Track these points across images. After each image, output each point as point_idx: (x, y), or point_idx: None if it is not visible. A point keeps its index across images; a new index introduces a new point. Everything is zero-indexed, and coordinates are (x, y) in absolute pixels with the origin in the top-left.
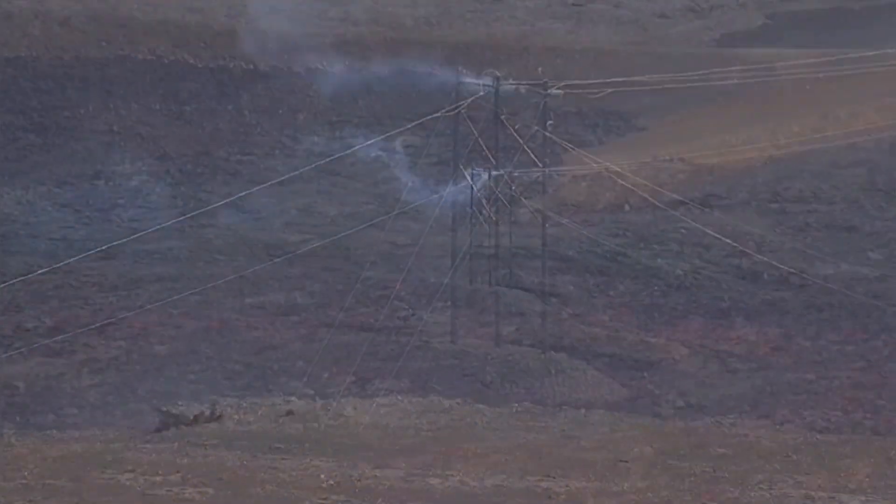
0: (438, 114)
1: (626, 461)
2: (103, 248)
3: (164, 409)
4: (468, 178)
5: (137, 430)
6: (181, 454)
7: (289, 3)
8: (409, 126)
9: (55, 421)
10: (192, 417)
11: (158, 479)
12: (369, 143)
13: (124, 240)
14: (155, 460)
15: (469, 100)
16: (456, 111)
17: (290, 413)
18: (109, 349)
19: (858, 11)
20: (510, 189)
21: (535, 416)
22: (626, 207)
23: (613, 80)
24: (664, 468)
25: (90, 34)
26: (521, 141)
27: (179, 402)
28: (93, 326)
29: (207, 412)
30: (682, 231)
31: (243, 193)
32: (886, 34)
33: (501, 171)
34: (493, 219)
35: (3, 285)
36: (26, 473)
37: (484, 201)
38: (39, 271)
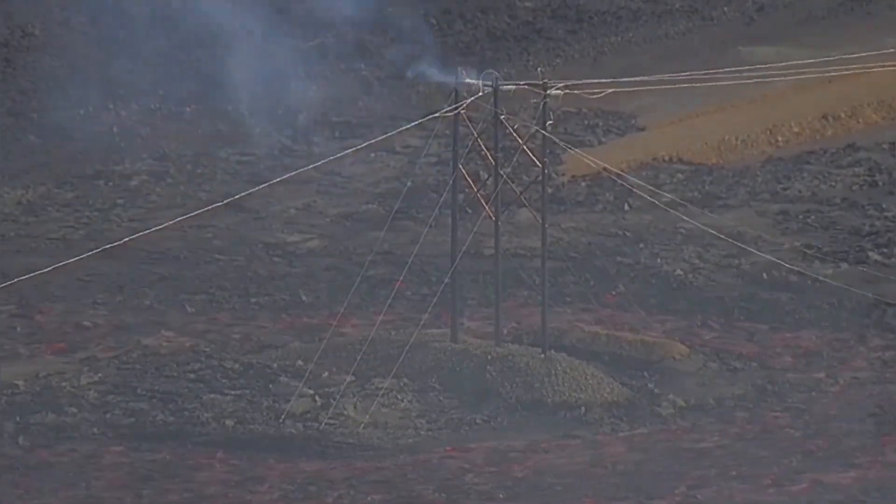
0: (437, 114)
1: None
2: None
3: None
4: (468, 177)
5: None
6: None
7: None
8: (409, 126)
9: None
10: None
11: None
12: (369, 143)
13: (125, 239)
14: None
15: (468, 100)
16: (455, 111)
17: (289, 415)
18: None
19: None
20: (511, 188)
21: (535, 415)
22: (626, 207)
23: (613, 80)
24: None
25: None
26: (520, 141)
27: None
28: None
29: None
30: (682, 231)
31: (244, 193)
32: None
33: (501, 171)
34: (494, 219)
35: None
36: None
37: (484, 201)
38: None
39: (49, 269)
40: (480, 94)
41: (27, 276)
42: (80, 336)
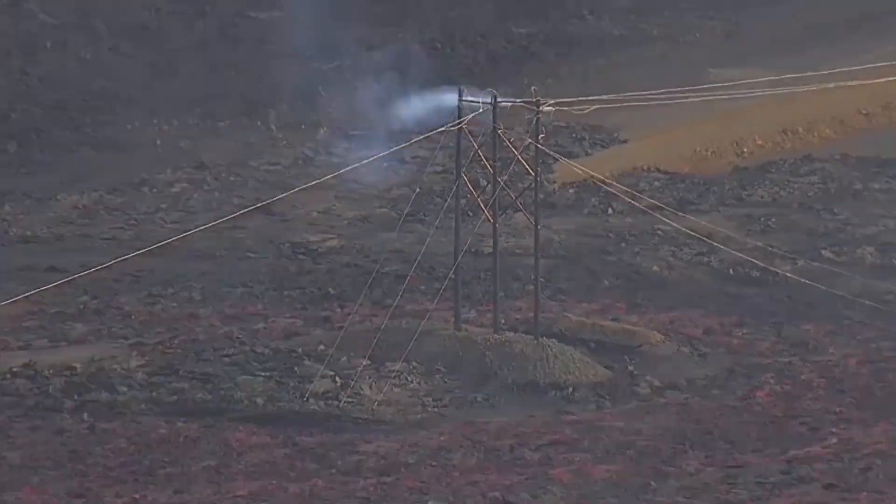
0: (443, 128)
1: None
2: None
3: None
4: (469, 185)
5: None
6: None
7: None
8: (417, 139)
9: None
10: None
11: None
12: (381, 154)
13: (167, 240)
14: None
15: (470, 116)
16: (458, 126)
17: (312, 394)
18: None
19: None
20: (507, 194)
21: (529, 395)
22: (610, 211)
23: (598, 98)
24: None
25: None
26: (516, 152)
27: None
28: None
29: None
30: (659, 232)
31: (272, 199)
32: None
33: (499, 179)
34: (492, 221)
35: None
36: None
37: (483, 205)
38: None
39: (107, 264)
40: (481, 110)
41: (86, 272)
42: (129, 325)
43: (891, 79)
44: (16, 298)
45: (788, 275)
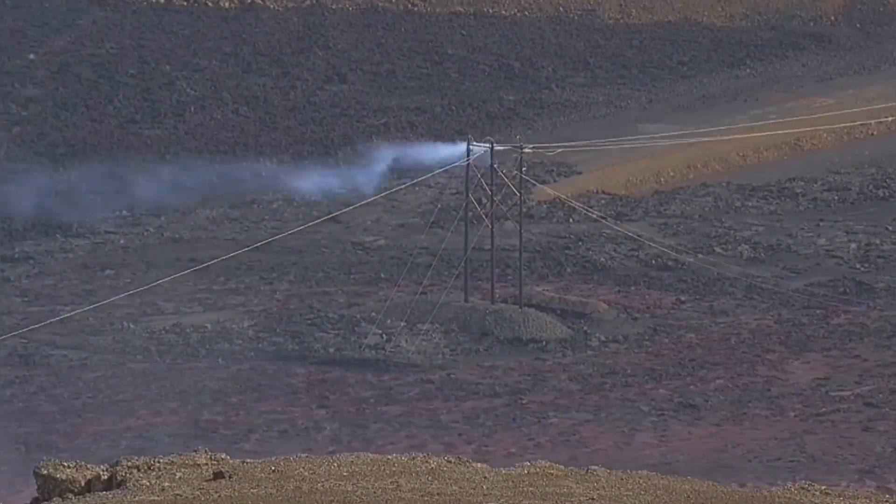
0: (456, 164)
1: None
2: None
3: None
4: (474, 202)
5: None
6: None
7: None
8: (439, 171)
9: None
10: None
11: None
12: (414, 181)
13: (268, 239)
14: None
15: (475, 155)
16: (467, 162)
17: (366, 346)
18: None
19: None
20: (501, 209)
21: (515, 347)
22: (571, 220)
23: (562, 143)
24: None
25: None
26: (506, 180)
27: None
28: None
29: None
30: (604, 235)
31: (340, 212)
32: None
33: (495, 199)
34: (490, 227)
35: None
36: None
37: (484, 217)
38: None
39: (228, 255)
40: (482, 152)
41: (212, 262)
42: (244, 297)
43: (756, 134)
44: (168, 278)
45: (691, 263)
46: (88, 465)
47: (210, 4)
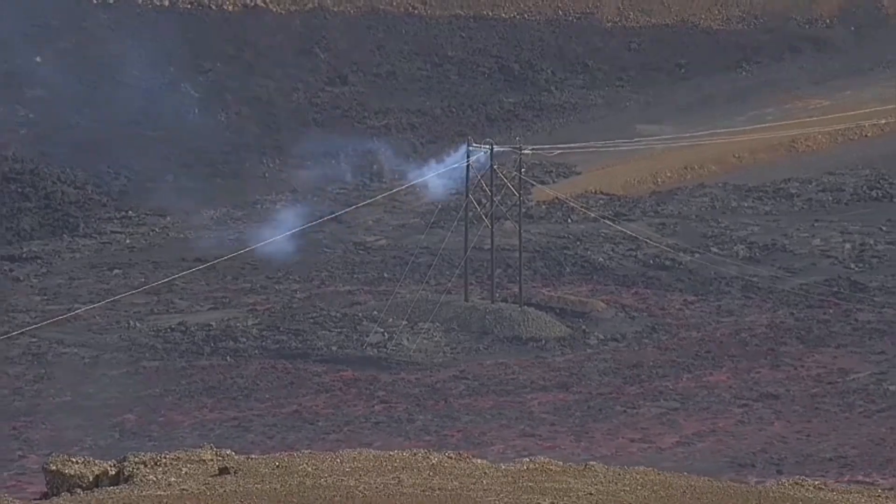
0: (457, 164)
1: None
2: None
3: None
4: (474, 202)
5: None
6: None
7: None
8: (441, 171)
9: None
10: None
11: None
12: (417, 181)
13: (271, 239)
14: None
15: (475, 156)
16: (468, 163)
17: (368, 344)
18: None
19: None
20: (500, 209)
21: (514, 346)
22: (569, 220)
23: (561, 145)
24: None
25: None
26: (506, 181)
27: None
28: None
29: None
30: (602, 234)
31: (341, 212)
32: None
33: (494, 199)
34: (490, 227)
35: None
36: None
37: (484, 217)
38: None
39: (232, 255)
40: (482, 153)
41: (219, 259)
42: (247, 296)
43: (754, 136)
44: (173, 277)
45: (688, 263)
46: (96, 461)
47: (213, 7)
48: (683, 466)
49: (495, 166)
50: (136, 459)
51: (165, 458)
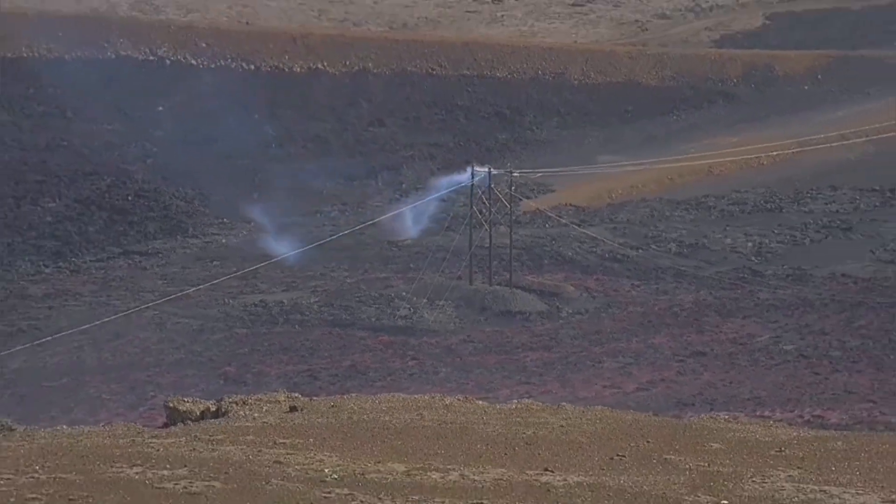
0: (462, 184)
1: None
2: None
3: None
4: (476, 212)
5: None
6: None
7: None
8: (449, 190)
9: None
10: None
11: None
12: (431, 198)
13: (327, 239)
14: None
15: (476, 178)
16: (471, 183)
17: (399, 316)
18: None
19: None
20: (496, 217)
21: (506, 318)
22: (547, 225)
23: (541, 169)
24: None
25: None
26: (500, 196)
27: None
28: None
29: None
30: (571, 236)
31: (379, 219)
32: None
33: (491, 210)
34: (489, 231)
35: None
36: (37, 468)
37: (484, 223)
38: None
39: (293, 252)
40: (482, 175)
41: (285, 255)
42: (310, 281)
43: (682, 164)
44: (256, 266)
45: (637, 256)
46: (202, 401)
47: (286, 70)
48: (644, 406)
49: (492, 186)
50: (230, 400)
51: (251, 399)
